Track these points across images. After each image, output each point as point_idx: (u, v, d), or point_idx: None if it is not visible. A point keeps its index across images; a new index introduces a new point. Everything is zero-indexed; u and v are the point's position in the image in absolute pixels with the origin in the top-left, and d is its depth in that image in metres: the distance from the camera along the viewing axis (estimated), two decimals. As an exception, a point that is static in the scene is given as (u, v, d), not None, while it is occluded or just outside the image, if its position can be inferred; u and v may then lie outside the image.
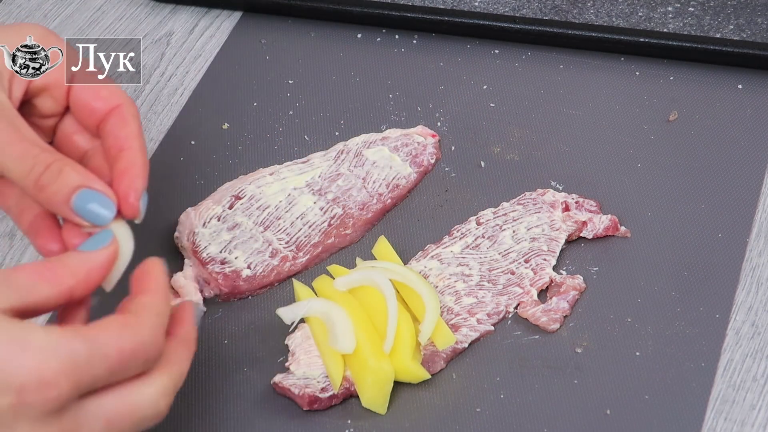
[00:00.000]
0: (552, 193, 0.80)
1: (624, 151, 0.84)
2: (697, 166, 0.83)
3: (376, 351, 0.71)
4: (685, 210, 0.80)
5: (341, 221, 0.80)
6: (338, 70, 0.92)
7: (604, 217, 0.79)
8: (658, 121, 0.86)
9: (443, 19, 0.92)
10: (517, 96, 0.89)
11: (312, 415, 0.71)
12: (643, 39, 0.89)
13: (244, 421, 0.71)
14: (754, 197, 0.80)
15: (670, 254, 0.77)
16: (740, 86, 0.87)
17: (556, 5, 0.94)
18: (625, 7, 0.93)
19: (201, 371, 0.74)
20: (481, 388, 0.72)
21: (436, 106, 0.88)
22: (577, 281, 0.76)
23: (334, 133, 0.87)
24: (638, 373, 0.72)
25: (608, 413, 0.70)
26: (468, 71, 0.91)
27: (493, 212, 0.80)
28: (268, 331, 0.76)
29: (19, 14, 0.98)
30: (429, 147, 0.84)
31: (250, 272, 0.78)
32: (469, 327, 0.74)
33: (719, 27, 0.91)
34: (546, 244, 0.78)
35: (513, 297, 0.76)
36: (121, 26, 0.97)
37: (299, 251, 0.79)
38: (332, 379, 0.71)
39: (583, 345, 0.73)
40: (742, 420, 0.69)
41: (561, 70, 0.90)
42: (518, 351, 0.73)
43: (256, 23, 0.96)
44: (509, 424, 0.70)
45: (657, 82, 0.88)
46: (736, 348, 0.73)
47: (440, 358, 0.73)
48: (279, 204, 0.80)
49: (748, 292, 0.75)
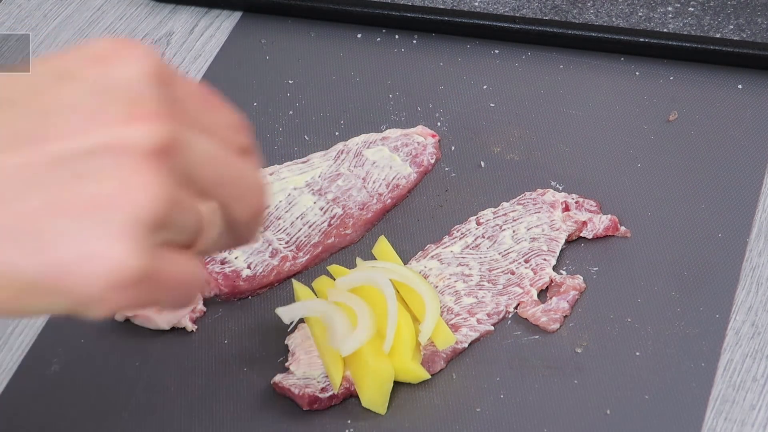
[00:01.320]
0: (552, 193, 0.80)
1: (624, 151, 0.84)
2: (697, 166, 0.83)
3: (376, 351, 0.71)
4: (685, 210, 0.80)
5: (341, 221, 0.80)
6: (338, 70, 0.92)
7: (604, 217, 0.79)
8: (658, 121, 0.86)
9: (443, 19, 0.92)
10: (517, 96, 0.89)
11: (312, 415, 0.71)
12: (643, 39, 0.89)
13: (244, 421, 0.71)
14: (754, 197, 0.80)
15: (670, 254, 0.77)
16: (740, 86, 0.87)
17: (556, 5, 0.94)
18: (625, 7, 0.93)
19: (201, 371, 0.74)
20: (481, 388, 0.72)
21: (436, 106, 0.88)
22: (577, 281, 0.76)
23: (334, 133, 0.87)
24: (638, 373, 0.72)
25: (608, 413, 0.70)
26: (468, 71, 0.91)
27: (493, 212, 0.80)
28: (268, 331, 0.76)
29: (19, 14, 0.98)
30: (429, 147, 0.84)
31: (250, 272, 0.78)
32: (469, 327, 0.74)
33: (719, 27, 0.91)
34: (546, 244, 0.78)
35: (513, 297, 0.76)
36: (121, 26, 0.97)
37: (299, 251, 0.79)
38: (332, 379, 0.71)
39: (583, 345, 0.73)
40: (742, 420, 0.69)
41: (561, 70, 0.90)
42: (518, 351, 0.73)
43: (256, 23, 0.96)
44: (509, 424, 0.70)
45: (657, 82, 0.88)
46: (736, 348, 0.73)
47: (440, 358, 0.73)
48: (279, 204, 0.80)
49: (748, 292, 0.75)
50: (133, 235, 0.48)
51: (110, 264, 0.47)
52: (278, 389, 0.72)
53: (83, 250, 0.47)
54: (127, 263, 0.48)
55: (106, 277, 0.47)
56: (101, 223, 0.47)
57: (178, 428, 0.71)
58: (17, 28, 0.97)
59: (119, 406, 0.73)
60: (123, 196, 0.48)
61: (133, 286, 0.48)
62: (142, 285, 0.48)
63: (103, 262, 0.47)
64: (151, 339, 0.76)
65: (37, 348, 0.76)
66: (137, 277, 0.48)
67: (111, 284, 0.48)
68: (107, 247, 0.47)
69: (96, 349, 0.76)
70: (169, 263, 0.50)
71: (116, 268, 0.47)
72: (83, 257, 0.47)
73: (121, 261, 0.47)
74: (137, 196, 0.48)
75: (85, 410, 0.73)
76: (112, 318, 0.76)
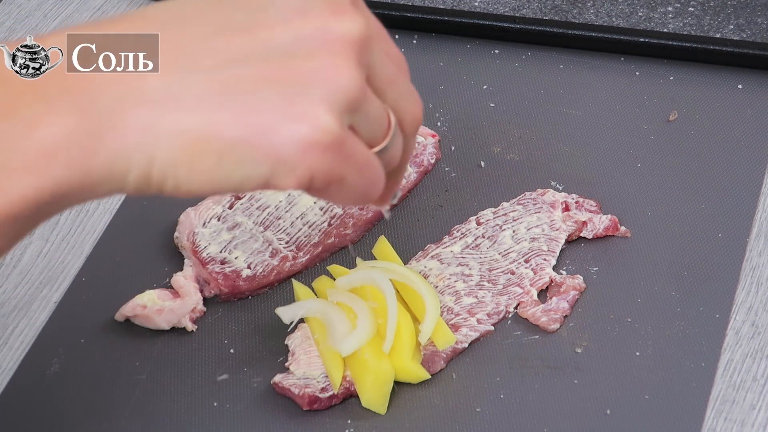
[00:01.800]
0: (552, 193, 0.80)
1: (624, 151, 0.84)
2: (697, 166, 0.83)
3: (376, 351, 0.71)
4: (685, 210, 0.80)
5: (341, 221, 0.80)
6: (338, 70, 0.92)
7: (604, 217, 0.79)
8: (658, 121, 0.86)
9: (443, 19, 0.92)
10: (517, 96, 0.89)
11: (312, 415, 0.71)
12: (643, 39, 0.89)
13: (244, 421, 0.71)
14: (754, 197, 0.80)
15: (670, 254, 0.77)
16: (740, 86, 0.87)
17: (556, 5, 0.94)
18: (625, 7, 0.93)
19: (201, 371, 0.74)
20: (481, 388, 0.72)
21: (436, 106, 0.88)
22: (577, 281, 0.76)
23: (334, 133, 0.87)
24: (638, 373, 0.72)
25: (608, 413, 0.70)
26: (468, 71, 0.91)
27: (493, 212, 0.80)
28: (268, 331, 0.76)
29: (19, 14, 0.98)
30: (429, 147, 0.84)
31: (250, 272, 0.78)
32: (469, 327, 0.74)
33: (719, 27, 0.91)
34: (546, 244, 0.78)
35: (513, 297, 0.76)
36: (121, 26, 0.97)
37: (299, 251, 0.79)
38: (332, 379, 0.71)
39: (583, 345, 0.73)
40: (742, 420, 0.69)
41: (561, 70, 0.90)
42: (518, 351, 0.73)
43: (256, 23, 0.96)
44: (509, 424, 0.70)
45: (657, 82, 0.88)
46: (736, 348, 0.73)
47: (440, 358, 0.73)
48: (279, 204, 0.80)
49: (748, 292, 0.75)
50: (331, 107, 0.52)
51: (309, 126, 0.52)
52: (278, 389, 0.72)
53: (286, 114, 0.52)
54: (324, 127, 0.52)
55: (305, 138, 0.52)
56: (304, 93, 0.52)
57: (178, 428, 0.71)
58: (17, 28, 0.97)
59: (119, 406, 0.73)
60: (325, 74, 0.53)
61: (327, 151, 0.52)
62: (334, 152, 0.53)
63: (302, 124, 0.52)
64: (151, 339, 0.76)
65: (37, 348, 0.76)
66: (332, 142, 0.52)
67: (308, 145, 0.52)
68: (308, 110, 0.52)
69: (96, 349, 0.76)
70: (357, 144, 0.55)
71: (315, 130, 0.52)
72: (285, 119, 0.52)
73: (319, 125, 0.52)
74: (338, 75, 0.53)
75: (85, 410, 0.73)
76: (113, 318, 0.76)
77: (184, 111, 0.52)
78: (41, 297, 0.79)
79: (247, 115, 0.52)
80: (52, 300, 0.78)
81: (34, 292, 0.79)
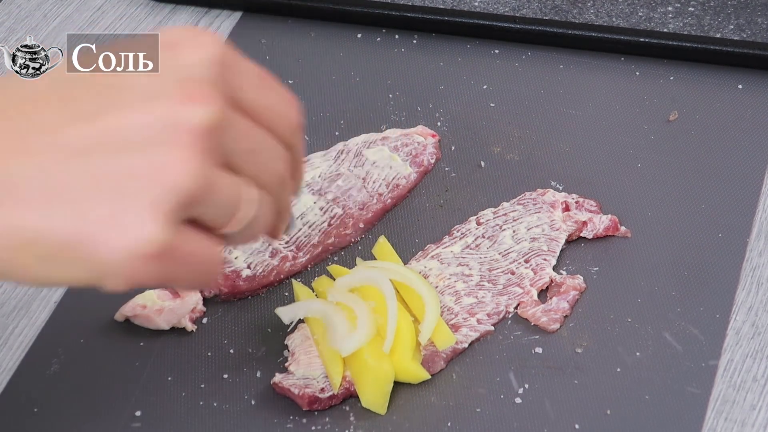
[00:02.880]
0: (552, 193, 0.80)
1: (624, 151, 0.84)
2: (697, 166, 0.83)
3: (376, 351, 0.71)
4: (685, 210, 0.80)
5: (341, 221, 0.80)
6: (338, 70, 0.92)
7: (604, 217, 0.79)
8: (658, 121, 0.86)
9: (443, 19, 0.92)
10: (517, 96, 0.89)
11: (312, 415, 0.71)
12: (643, 39, 0.89)
13: (245, 421, 0.71)
14: (754, 197, 0.80)
15: (670, 254, 0.77)
16: (740, 86, 0.87)
17: (556, 5, 0.94)
18: (625, 7, 0.93)
19: (201, 371, 0.74)
20: (481, 388, 0.72)
21: (436, 106, 0.88)
22: (577, 281, 0.76)
23: (334, 133, 0.87)
24: (638, 373, 0.72)
25: (608, 413, 0.70)
26: (468, 71, 0.91)
27: (493, 212, 0.80)
28: (268, 331, 0.76)
29: (19, 14, 0.98)
30: (429, 147, 0.84)
31: (250, 272, 0.78)
32: (469, 327, 0.74)
33: (719, 27, 0.91)
34: (546, 244, 0.78)
35: (513, 297, 0.76)
36: (121, 26, 0.97)
37: (299, 251, 0.79)
38: (332, 379, 0.71)
39: (583, 345, 0.73)
40: (743, 420, 0.69)
41: (561, 70, 0.90)
42: (518, 351, 0.73)
43: (256, 23, 0.96)
44: (509, 424, 0.70)
45: (657, 82, 0.88)
46: (736, 348, 0.73)
47: (440, 358, 0.73)
48: (279, 204, 0.80)
49: (748, 292, 0.75)
50: (163, 210, 0.50)
51: (134, 235, 0.50)
52: (278, 389, 0.72)
53: (112, 219, 0.50)
54: (150, 237, 0.50)
55: (128, 247, 0.50)
56: (135, 194, 0.50)
57: (178, 428, 0.71)
58: (17, 28, 0.97)
59: (119, 406, 0.73)
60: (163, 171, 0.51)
61: (153, 260, 0.51)
62: (161, 260, 0.51)
63: (127, 232, 0.50)
64: (151, 339, 0.76)
65: (37, 348, 0.76)
66: (158, 251, 0.50)
67: (131, 255, 0.50)
68: (135, 218, 0.50)
69: (96, 349, 0.76)
70: (191, 241, 0.52)
71: (139, 240, 0.50)
72: (111, 226, 0.50)
73: (144, 234, 0.50)
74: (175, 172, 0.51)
75: (85, 410, 0.73)
76: (113, 318, 0.76)
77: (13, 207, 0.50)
78: (41, 297, 0.79)
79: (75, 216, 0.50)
80: (52, 300, 0.78)
81: (34, 292, 0.79)
